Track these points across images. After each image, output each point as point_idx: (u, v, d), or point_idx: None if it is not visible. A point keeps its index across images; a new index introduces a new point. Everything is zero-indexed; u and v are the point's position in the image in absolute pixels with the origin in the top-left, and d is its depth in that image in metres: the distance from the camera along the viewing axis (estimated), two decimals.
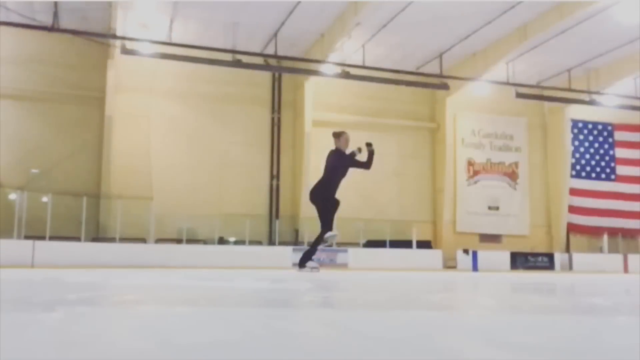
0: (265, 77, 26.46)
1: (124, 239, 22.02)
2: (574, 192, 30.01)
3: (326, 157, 9.86)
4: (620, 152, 31.21)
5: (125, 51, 21.85)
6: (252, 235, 24.10)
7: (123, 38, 21.86)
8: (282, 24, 22.82)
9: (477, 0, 20.99)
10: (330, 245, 10.13)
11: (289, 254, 23.25)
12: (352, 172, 10.05)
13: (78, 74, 23.97)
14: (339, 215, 9.94)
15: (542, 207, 30.29)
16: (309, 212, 25.34)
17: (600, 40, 24.26)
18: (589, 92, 27.37)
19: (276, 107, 26.84)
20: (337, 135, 9.90)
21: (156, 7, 21.76)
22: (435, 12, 21.76)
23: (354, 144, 10.09)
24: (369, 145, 9.80)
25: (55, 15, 21.14)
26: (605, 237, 29.29)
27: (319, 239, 9.51)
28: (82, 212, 21.57)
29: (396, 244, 24.94)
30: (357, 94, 26.94)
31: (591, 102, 27.64)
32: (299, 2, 21.28)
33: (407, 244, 25.14)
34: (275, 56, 23.88)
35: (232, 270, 18.19)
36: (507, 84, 26.15)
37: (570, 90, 27.03)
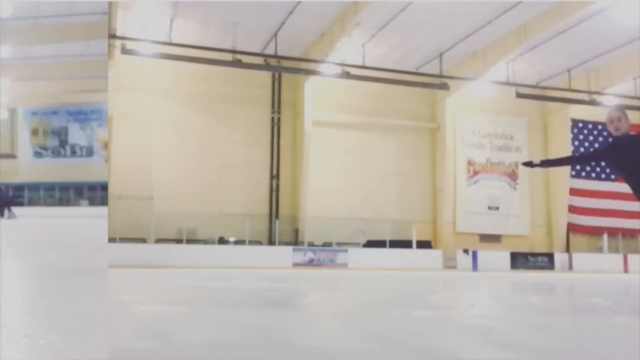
0: (265, 77, 26.44)
1: (124, 239, 22.02)
2: (574, 192, 29.98)
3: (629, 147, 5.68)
4: None
5: (125, 51, 21.83)
6: (252, 235, 24.09)
7: (123, 38, 21.83)
8: (282, 24, 22.81)
9: (477, 0, 20.97)
10: None
11: (289, 254, 23.25)
12: (352, 171, 9.91)
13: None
14: (338, 215, 9.77)
15: (542, 207, 30.26)
16: (309, 212, 25.50)
17: (600, 40, 24.23)
18: (589, 92, 27.33)
19: (276, 107, 26.83)
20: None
21: (156, 7, 21.74)
22: (435, 12, 21.74)
23: (352, 143, 9.94)
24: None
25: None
26: (605, 237, 29.26)
27: None
28: None
29: (396, 244, 24.92)
30: (357, 94, 26.90)
31: (591, 102, 27.60)
32: (299, 2, 21.26)
33: (407, 244, 25.11)
34: (275, 56, 23.86)
35: (232, 270, 18.20)
36: (507, 84, 26.12)
37: (570, 90, 26.99)
